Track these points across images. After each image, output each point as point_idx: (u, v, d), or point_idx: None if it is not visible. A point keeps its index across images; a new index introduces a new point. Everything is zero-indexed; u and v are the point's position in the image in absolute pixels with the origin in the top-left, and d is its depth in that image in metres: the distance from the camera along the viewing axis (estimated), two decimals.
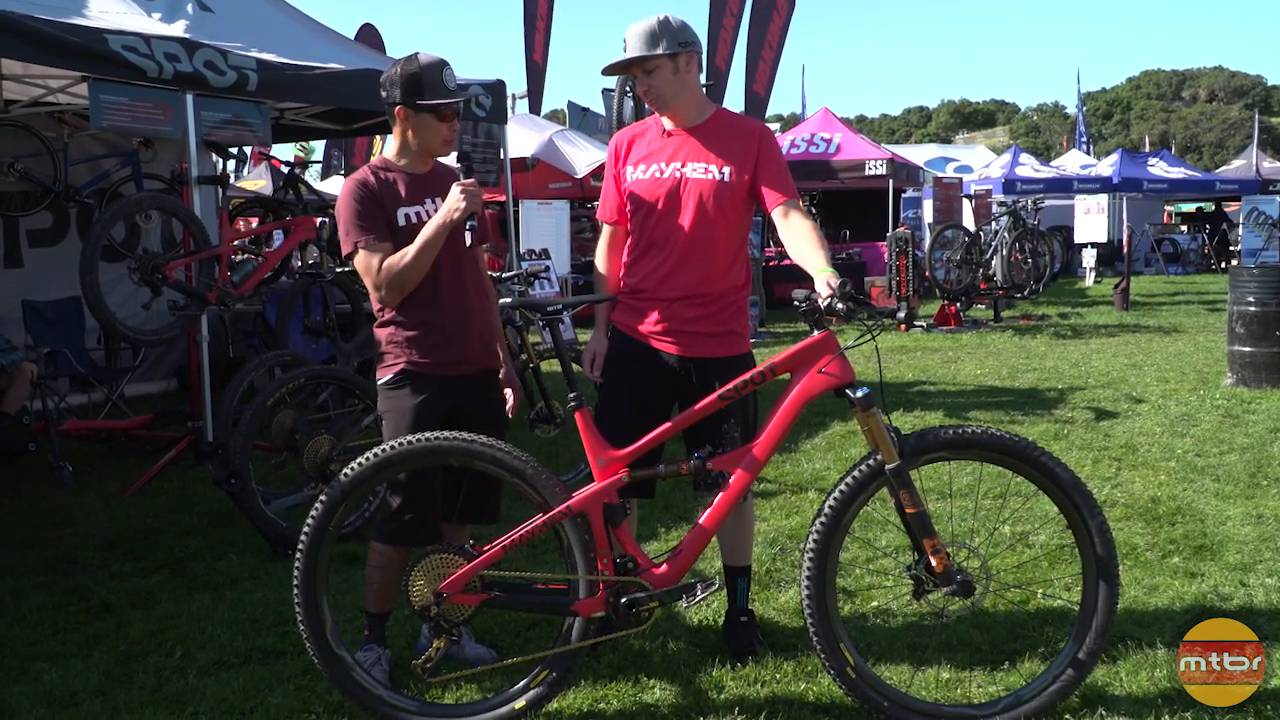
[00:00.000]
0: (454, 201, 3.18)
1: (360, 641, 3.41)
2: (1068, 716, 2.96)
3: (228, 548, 4.77)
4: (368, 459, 2.98)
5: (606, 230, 3.53)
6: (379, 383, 3.39)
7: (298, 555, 3.00)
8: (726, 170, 3.28)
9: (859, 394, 2.89)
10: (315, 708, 3.14)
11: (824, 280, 2.90)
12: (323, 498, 3.00)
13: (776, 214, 3.27)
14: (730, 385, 3.00)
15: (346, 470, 2.99)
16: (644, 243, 3.37)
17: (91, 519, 5.36)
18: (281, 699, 3.21)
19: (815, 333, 2.94)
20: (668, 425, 3.07)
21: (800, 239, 3.16)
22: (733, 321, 3.38)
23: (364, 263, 3.25)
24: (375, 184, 3.29)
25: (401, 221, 3.29)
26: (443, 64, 3.30)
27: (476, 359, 3.42)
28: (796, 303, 2.94)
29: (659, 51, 3.23)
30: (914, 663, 3.37)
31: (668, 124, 3.38)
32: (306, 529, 3.00)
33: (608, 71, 3.41)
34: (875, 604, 3.86)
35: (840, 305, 2.82)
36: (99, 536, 5.03)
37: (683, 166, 3.31)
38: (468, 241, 3.23)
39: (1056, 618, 3.68)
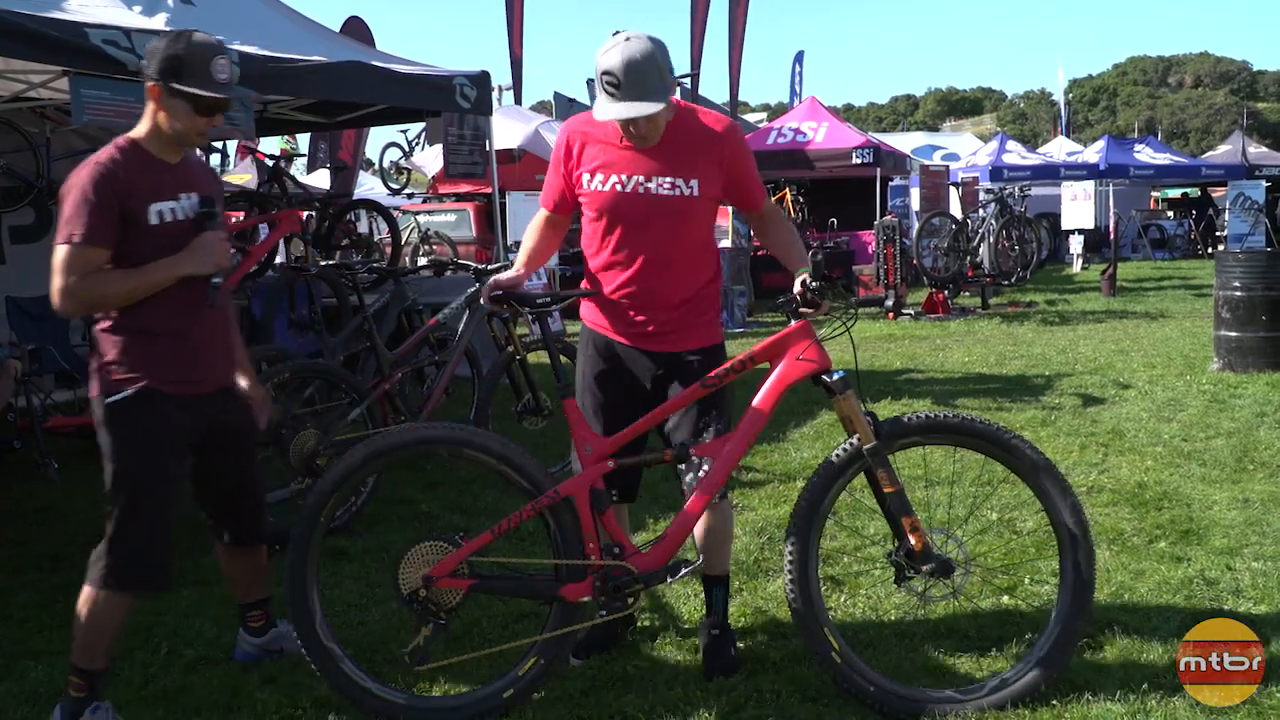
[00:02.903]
0: (203, 254, 2.96)
1: (79, 705, 2.97)
2: (1054, 700, 2.96)
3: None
4: (358, 450, 2.99)
5: (543, 213, 3.35)
6: (106, 399, 2.94)
7: (290, 547, 3.01)
8: (694, 184, 3.10)
9: (835, 377, 2.96)
10: (302, 702, 3.13)
11: (800, 280, 3.01)
12: (313, 490, 3.01)
13: (751, 218, 3.34)
14: (712, 374, 3.03)
15: (336, 462, 3.01)
16: (606, 256, 3.22)
17: (78, 516, 5.33)
18: (268, 695, 3.20)
19: (793, 322, 3.03)
20: (648, 416, 3.09)
21: (778, 243, 3.30)
22: (707, 313, 3.31)
23: (69, 259, 2.80)
24: (124, 176, 2.89)
25: (154, 220, 2.92)
26: (216, 51, 2.94)
27: (219, 376, 3.16)
28: (780, 301, 3.07)
29: (665, 102, 2.95)
30: (900, 648, 3.38)
31: None
32: (299, 521, 3.01)
33: (607, 118, 2.98)
34: (863, 591, 3.88)
35: (813, 292, 2.95)
36: (85, 533, 4.99)
37: (646, 180, 3.10)
38: (210, 301, 3.00)
39: (1042, 602, 3.69)
